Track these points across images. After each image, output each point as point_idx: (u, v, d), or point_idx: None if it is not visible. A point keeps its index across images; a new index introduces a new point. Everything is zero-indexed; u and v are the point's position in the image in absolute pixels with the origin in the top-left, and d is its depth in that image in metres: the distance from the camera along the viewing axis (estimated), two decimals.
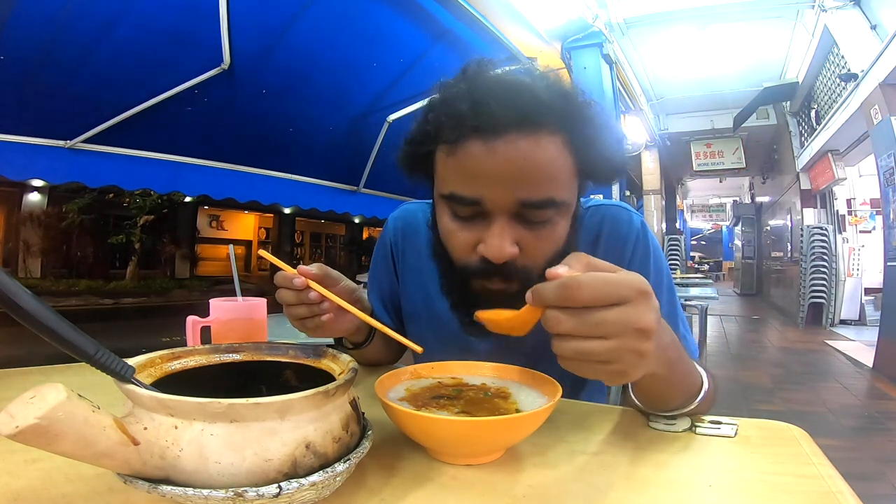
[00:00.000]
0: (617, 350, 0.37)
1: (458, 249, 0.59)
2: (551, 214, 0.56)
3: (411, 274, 0.83)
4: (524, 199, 0.53)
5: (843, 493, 0.40)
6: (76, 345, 0.31)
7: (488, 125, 0.52)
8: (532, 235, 0.56)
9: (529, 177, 0.53)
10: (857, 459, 2.45)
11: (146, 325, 8.01)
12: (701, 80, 7.19)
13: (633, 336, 0.37)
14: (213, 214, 17.82)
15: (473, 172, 0.54)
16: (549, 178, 0.54)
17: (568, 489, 0.42)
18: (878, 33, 4.62)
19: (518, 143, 0.52)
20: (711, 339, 6.17)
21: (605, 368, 0.38)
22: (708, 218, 20.38)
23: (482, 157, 0.52)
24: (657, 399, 0.55)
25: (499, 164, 0.52)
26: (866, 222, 7.37)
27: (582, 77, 4.22)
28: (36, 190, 12.31)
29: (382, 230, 0.89)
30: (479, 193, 0.54)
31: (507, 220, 0.55)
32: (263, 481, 0.33)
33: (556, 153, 0.54)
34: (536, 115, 0.52)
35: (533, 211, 0.54)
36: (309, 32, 2.79)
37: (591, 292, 0.36)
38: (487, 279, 0.57)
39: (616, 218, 0.72)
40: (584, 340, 0.37)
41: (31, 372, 0.77)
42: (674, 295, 0.72)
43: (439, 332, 0.79)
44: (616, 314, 0.37)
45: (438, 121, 0.56)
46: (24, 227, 12.00)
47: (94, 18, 2.22)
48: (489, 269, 0.56)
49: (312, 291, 0.59)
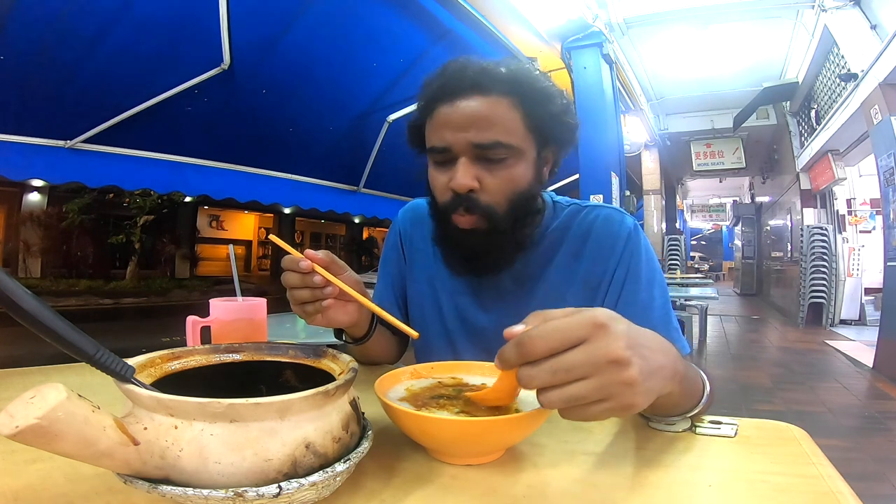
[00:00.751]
0: (601, 387, 0.36)
1: (437, 189, 0.72)
2: (504, 156, 0.68)
3: (418, 257, 0.89)
4: (476, 141, 0.67)
5: (843, 493, 0.40)
6: (76, 345, 0.31)
7: (449, 90, 0.68)
8: (490, 174, 0.68)
9: (480, 122, 0.66)
10: (857, 459, 2.45)
11: (146, 325, 8.01)
12: (701, 80, 7.19)
13: (608, 369, 0.36)
14: (213, 214, 17.83)
15: (441, 125, 0.69)
16: (496, 125, 0.67)
17: (568, 489, 0.42)
18: (878, 33, 4.62)
19: (471, 101, 0.67)
20: (711, 339, 6.17)
21: (607, 407, 0.37)
22: (708, 218, 20.37)
23: (446, 114, 0.68)
24: (662, 409, 0.55)
25: (457, 117, 0.67)
26: (866, 222, 7.37)
27: (582, 77, 4.22)
28: (36, 190, 12.31)
29: (392, 222, 0.97)
30: (445, 141, 0.68)
31: (469, 160, 0.68)
32: (263, 481, 0.33)
33: (503, 108, 0.67)
34: (486, 82, 0.67)
35: (486, 151, 0.67)
36: (309, 32, 2.79)
37: (545, 342, 0.37)
38: (457, 212, 0.69)
39: (609, 217, 0.78)
40: (565, 387, 0.37)
41: (31, 372, 0.77)
42: (665, 295, 0.75)
43: (441, 313, 0.84)
44: (581, 353, 0.37)
45: (422, 99, 0.72)
46: (24, 227, 12.00)
47: (94, 18, 2.23)
48: (457, 202, 0.68)
49: (317, 276, 0.60)
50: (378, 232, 22.54)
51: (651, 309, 0.73)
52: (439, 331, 0.85)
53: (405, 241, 0.91)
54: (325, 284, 0.61)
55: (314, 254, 0.61)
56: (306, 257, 0.60)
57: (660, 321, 0.72)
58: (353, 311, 0.69)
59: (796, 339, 6.33)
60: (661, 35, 5.71)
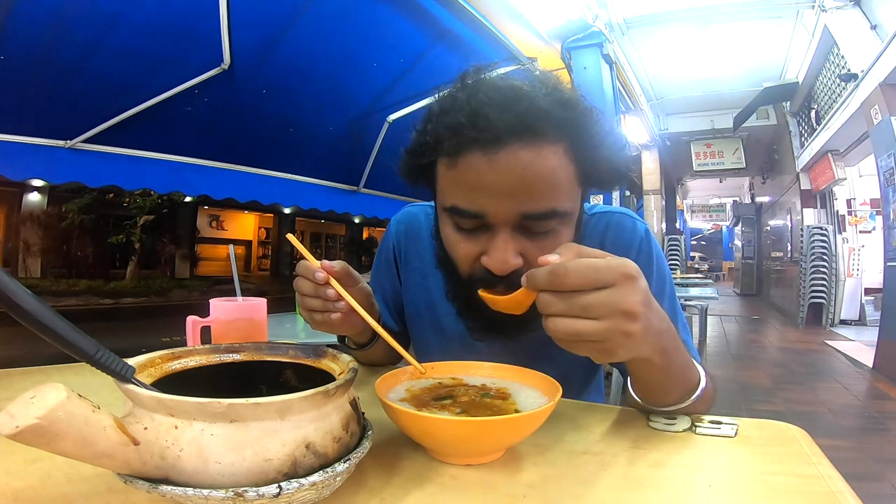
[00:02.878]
0: (606, 331, 0.39)
1: (462, 261, 0.59)
2: (554, 224, 0.56)
3: (414, 276, 0.83)
4: (526, 212, 0.53)
5: (844, 493, 0.40)
6: (76, 345, 0.31)
7: (488, 136, 0.50)
8: (535, 246, 0.55)
9: (532, 188, 0.52)
10: (857, 460, 2.45)
11: (146, 325, 8.01)
12: (701, 80, 7.19)
13: (619, 317, 0.40)
14: (213, 214, 17.82)
15: (475, 185, 0.53)
16: (551, 188, 0.53)
17: (568, 489, 0.42)
18: (878, 33, 4.62)
19: (519, 154, 0.51)
20: (711, 339, 6.17)
21: (595, 347, 0.40)
22: (708, 218, 20.37)
23: (483, 170, 0.52)
24: (655, 391, 0.55)
25: (500, 177, 0.51)
26: (866, 222, 7.37)
27: (582, 77, 4.22)
28: (36, 190, 12.31)
29: (385, 232, 0.89)
30: (481, 207, 0.54)
31: (510, 231, 0.54)
32: (263, 481, 0.33)
33: (557, 162, 0.53)
34: (536, 124, 0.51)
35: (536, 222, 0.54)
36: (309, 32, 2.79)
37: (577, 277, 0.39)
38: (492, 289, 0.56)
39: (620, 225, 0.73)
40: (574, 320, 0.40)
41: (31, 372, 0.77)
42: (675, 302, 0.72)
43: (443, 335, 0.80)
44: (603, 297, 0.39)
45: (437, 132, 0.55)
46: (24, 227, 12.00)
47: (94, 18, 2.22)
48: (493, 280, 0.56)
49: (331, 289, 0.59)
50: (378, 232, 22.53)
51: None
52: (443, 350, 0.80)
53: (399, 255, 0.85)
54: (338, 299, 0.59)
55: (331, 265, 0.59)
56: (323, 268, 0.59)
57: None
58: (359, 322, 0.66)
59: (796, 339, 6.33)
60: (662, 35, 5.71)
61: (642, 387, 0.56)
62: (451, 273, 0.63)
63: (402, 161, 0.64)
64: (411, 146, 0.62)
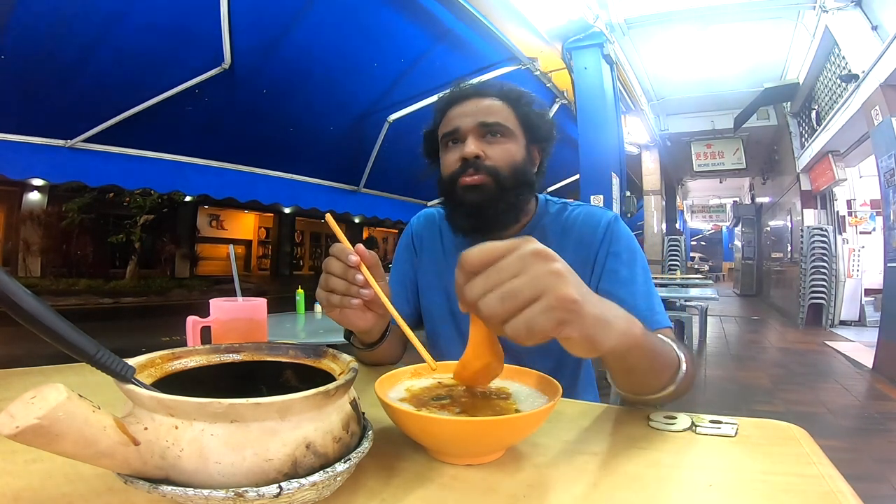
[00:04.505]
0: (533, 278, 0.39)
1: (447, 166, 0.87)
2: (500, 132, 0.85)
3: (428, 254, 0.99)
4: (481, 121, 0.85)
5: (844, 493, 0.40)
6: (76, 345, 0.31)
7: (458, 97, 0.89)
8: (490, 147, 0.85)
9: (485, 111, 0.85)
10: (857, 460, 2.45)
11: (146, 325, 8.01)
12: (701, 81, 7.18)
13: (536, 261, 0.39)
14: (213, 214, 17.83)
15: (453, 117, 0.87)
16: (496, 113, 0.86)
17: (568, 489, 0.42)
18: (879, 34, 4.62)
19: (475, 100, 0.87)
20: (711, 339, 6.17)
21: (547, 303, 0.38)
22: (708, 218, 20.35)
23: (459, 108, 0.87)
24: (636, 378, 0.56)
25: (466, 108, 0.87)
26: (866, 223, 7.37)
27: (582, 77, 4.22)
28: (36, 189, 12.32)
29: (406, 226, 1.08)
30: (455, 125, 0.86)
31: (475, 137, 0.85)
32: (264, 481, 0.33)
33: (500, 106, 0.87)
34: (486, 90, 0.89)
35: (489, 128, 0.85)
36: (310, 32, 2.79)
37: (480, 251, 0.41)
38: (466, 174, 0.83)
39: (591, 212, 0.90)
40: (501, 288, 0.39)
41: (31, 372, 0.77)
42: (647, 274, 0.83)
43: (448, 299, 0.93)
44: (511, 255, 0.40)
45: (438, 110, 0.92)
46: (24, 227, 12.00)
47: (95, 18, 2.23)
48: (466, 167, 0.83)
49: (360, 274, 0.60)
50: (378, 232, 22.54)
51: (634, 283, 0.79)
52: (447, 318, 0.94)
53: (417, 241, 1.03)
54: (365, 285, 0.60)
55: (364, 252, 0.61)
56: (357, 252, 0.60)
57: (642, 295, 0.78)
58: (371, 319, 0.68)
59: (796, 339, 6.33)
60: (662, 35, 5.71)
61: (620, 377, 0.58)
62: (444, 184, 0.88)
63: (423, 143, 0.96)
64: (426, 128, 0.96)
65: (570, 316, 0.39)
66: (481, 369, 0.48)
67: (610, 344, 0.42)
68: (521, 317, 0.38)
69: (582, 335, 0.40)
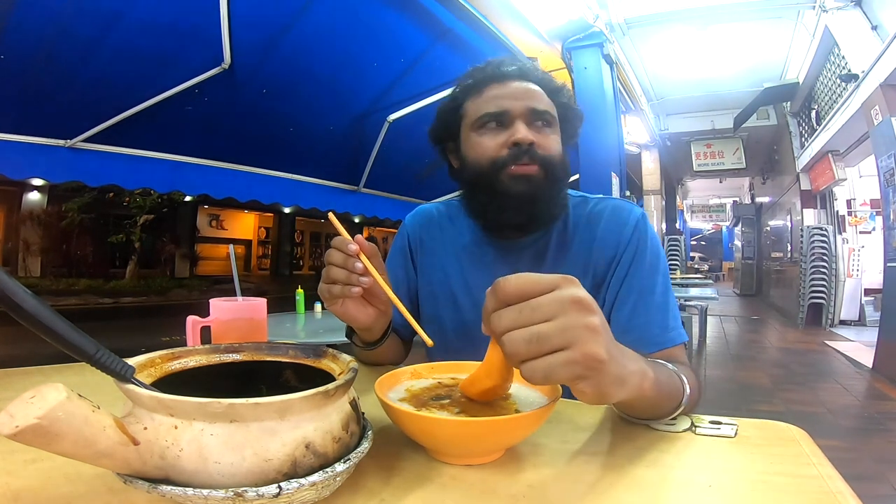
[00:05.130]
0: (565, 328, 0.37)
1: (491, 149, 0.78)
2: (551, 121, 0.80)
3: (429, 258, 0.91)
4: (534, 107, 0.78)
5: (843, 494, 0.40)
6: (76, 345, 0.31)
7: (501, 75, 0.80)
8: (540, 135, 0.78)
9: (534, 96, 0.79)
10: (857, 460, 2.45)
11: (146, 325, 8.01)
12: (701, 81, 7.19)
13: (573, 309, 0.37)
14: (213, 214, 17.82)
15: (496, 97, 0.79)
16: (543, 100, 0.80)
17: (568, 489, 0.42)
18: (878, 34, 4.62)
19: (521, 82, 0.80)
20: (711, 339, 6.17)
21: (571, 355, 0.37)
22: (708, 218, 20.37)
23: (500, 88, 0.79)
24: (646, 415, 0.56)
25: (514, 89, 0.79)
26: (866, 223, 7.37)
27: (582, 77, 4.22)
28: (36, 189, 12.32)
29: (400, 227, 0.99)
30: (502, 107, 0.78)
31: (524, 122, 0.77)
32: (263, 481, 0.33)
33: (544, 95, 0.81)
34: (528, 74, 0.82)
35: (539, 116, 0.78)
36: (309, 32, 2.79)
37: (518, 281, 0.39)
38: (518, 162, 0.76)
39: (619, 206, 0.84)
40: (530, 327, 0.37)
41: (31, 372, 0.77)
42: (667, 284, 0.78)
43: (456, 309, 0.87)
44: (549, 296, 0.38)
45: (466, 84, 0.82)
46: (24, 227, 12.01)
47: (95, 18, 2.22)
48: (519, 153, 0.76)
49: (359, 262, 0.62)
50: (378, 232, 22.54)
51: (652, 294, 0.75)
52: (457, 327, 0.86)
53: (413, 244, 0.94)
54: (364, 273, 0.62)
55: (364, 242, 0.63)
56: (356, 242, 0.62)
57: (658, 307, 0.74)
58: (371, 314, 0.69)
59: (796, 339, 6.33)
60: (662, 35, 5.71)
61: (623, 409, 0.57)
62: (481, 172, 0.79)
63: (433, 124, 0.87)
64: (442, 106, 0.86)
65: (591, 374, 0.38)
66: (490, 389, 0.48)
67: (618, 399, 0.41)
68: (542, 362, 0.37)
69: (595, 392, 0.39)
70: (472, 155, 0.80)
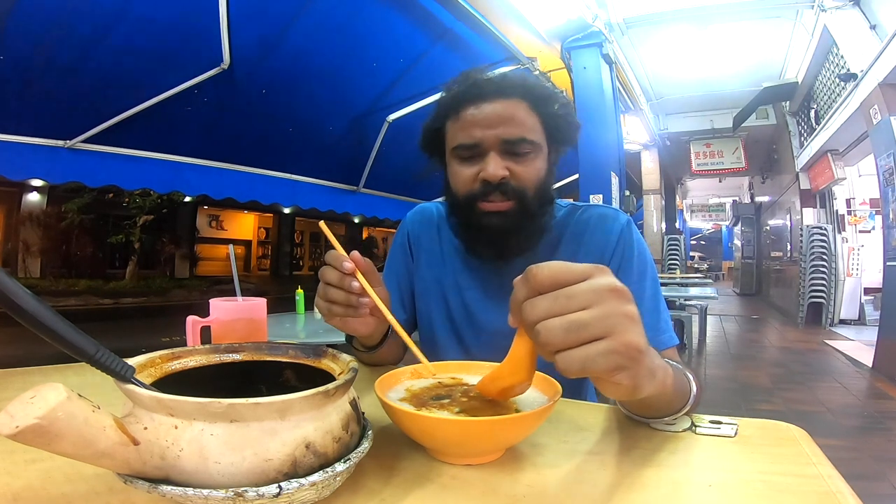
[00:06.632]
0: (604, 315, 0.35)
1: (464, 182, 0.77)
2: (528, 150, 0.76)
3: (425, 256, 0.93)
4: (505, 137, 0.74)
5: (843, 493, 0.40)
6: (76, 345, 0.31)
7: (474, 95, 0.76)
8: (517, 165, 0.75)
9: (507, 122, 0.74)
10: (857, 459, 2.45)
11: (146, 325, 8.00)
12: (701, 80, 7.18)
13: (611, 297, 0.36)
14: (212, 214, 17.81)
15: (469, 124, 0.75)
16: (519, 124, 0.75)
17: (568, 489, 0.42)
18: (877, 33, 4.62)
19: (496, 105, 0.75)
20: (711, 338, 6.17)
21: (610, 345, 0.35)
22: (707, 218, 20.35)
23: (476, 115, 0.75)
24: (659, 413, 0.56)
25: (485, 116, 0.74)
26: (866, 222, 7.37)
27: (582, 77, 4.22)
28: (35, 190, 12.31)
29: (401, 224, 1.01)
30: (474, 138, 0.75)
31: (497, 153, 0.75)
32: (263, 481, 0.33)
33: (523, 111, 0.76)
34: (507, 88, 0.76)
35: (514, 146, 0.74)
36: (309, 32, 2.79)
37: (551, 270, 0.37)
38: (487, 199, 0.75)
39: (604, 214, 0.85)
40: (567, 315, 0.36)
41: (31, 372, 0.77)
42: (656, 287, 0.79)
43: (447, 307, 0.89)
44: (586, 284, 0.37)
45: (445, 104, 0.79)
46: (24, 227, 11.99)
47: (94, 18, 2.22)
48: (488, 190, 0.74)
49: (356, 281, 0.60)
50: (378, 232, 22.54)
51: (641, 300, 0.75)
52: (444, 323, 0.88)
53: (413, 240, 0.95)
54: (362, 293, 0.60)
55: (360, 259, 0.60)
56: (351, 259, 0.60)
57: (649, 311, 0.75)
58: (371, 324, 0.68)
59: (796, 338, 6.33)
60: (661, 35, 5.71)
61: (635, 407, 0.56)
62: (458, 203, 0.79)
63: (421, 136, 0.85)
64: (428, 121, 0.83)
65: (630, 364, 0.36)
66: (513, 386, 0.46)
67: (647, 393, 0.40)
68: (580, 351, 0.35)
69: (631, 384, 0.37)
70: (452, 182, 0.81)
